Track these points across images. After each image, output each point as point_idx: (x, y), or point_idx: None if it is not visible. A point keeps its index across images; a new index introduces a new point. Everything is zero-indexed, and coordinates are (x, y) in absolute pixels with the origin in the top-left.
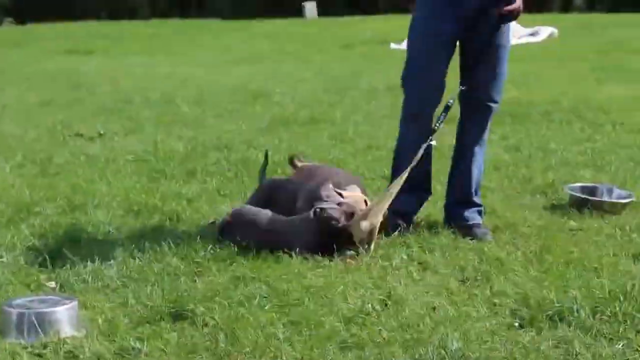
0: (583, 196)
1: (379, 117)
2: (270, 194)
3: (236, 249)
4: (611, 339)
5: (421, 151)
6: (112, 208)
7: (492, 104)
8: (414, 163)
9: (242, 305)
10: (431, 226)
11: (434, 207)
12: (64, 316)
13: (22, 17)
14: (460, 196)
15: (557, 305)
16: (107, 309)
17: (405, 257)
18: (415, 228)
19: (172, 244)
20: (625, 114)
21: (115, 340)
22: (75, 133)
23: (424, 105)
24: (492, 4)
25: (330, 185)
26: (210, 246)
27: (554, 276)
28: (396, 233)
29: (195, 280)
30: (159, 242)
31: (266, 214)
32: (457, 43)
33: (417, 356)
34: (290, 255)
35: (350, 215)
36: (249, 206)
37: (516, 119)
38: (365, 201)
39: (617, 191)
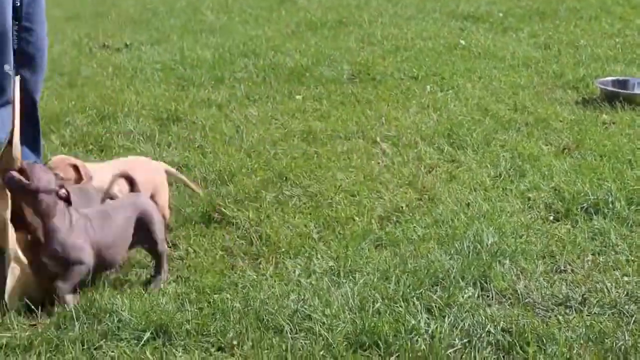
0: (614, 90)
1: (405, 19)
2: None
3: (266, 155)
4: None
5: None
6: (141, 116)
7: None
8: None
9: (275, 207)
10: (461, 125)
11: (466, 106)
12: None
13: None
14: None
15: (591, 197)
16: None
17: (437, 155)
18: (445, 126)
19: (201, 151)
20: None
21: None
22: (102, 45)
23: None
24: None
25: None
26: (240, 154)
27: (588, 169)
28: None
29: (227, 184)
30: (187, 149)
31: None
32: None
33: (452, 251)
34: (319, 157)
35: None
36: None
37: (544, 17)
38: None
39: None
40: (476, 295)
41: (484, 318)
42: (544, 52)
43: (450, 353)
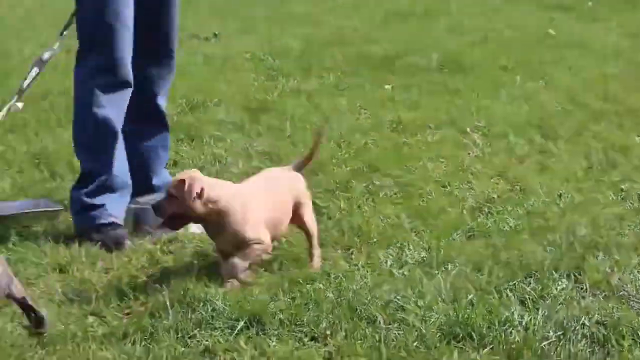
0: None
1: (494, 9)
2: None
3: (356, 145)
4: None
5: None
6: (231, 105)
7: None
8: None
9: (366, 197)
10: (552, 116)
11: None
12: None
13: None
14: None
15: None
16: None
17: (528, 146)
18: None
19: (291, 141)
20: None
21: None
22: (191, 34)
23: None
24: None
25: None
26: (330, 144)
27: None
28: None
29: (317, 174)
30: (279, 138)
31: None
32: None
33: (545, 243)
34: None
35: None
36: None
37: (634, 6)
38: None
39: None
40: (570, 287)
41: (578, 310)
42: (634, 40)
43: (544, 345)
